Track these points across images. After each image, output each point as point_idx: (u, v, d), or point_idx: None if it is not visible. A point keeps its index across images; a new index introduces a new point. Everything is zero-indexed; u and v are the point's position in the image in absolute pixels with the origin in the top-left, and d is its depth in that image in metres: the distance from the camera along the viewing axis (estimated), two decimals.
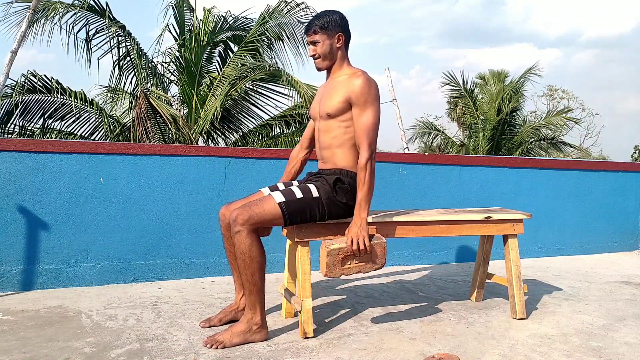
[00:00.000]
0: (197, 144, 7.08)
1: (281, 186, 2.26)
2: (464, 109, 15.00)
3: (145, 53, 7.56)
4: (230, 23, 8.40)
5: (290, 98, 7.77)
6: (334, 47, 2.22)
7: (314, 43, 2.22)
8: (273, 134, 8.30)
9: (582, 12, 56.18)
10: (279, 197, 2.08)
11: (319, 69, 2.27)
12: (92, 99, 7.41)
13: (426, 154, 4.11)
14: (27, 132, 7.10)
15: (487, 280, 2.79)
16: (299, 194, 2.10)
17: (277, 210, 2.06)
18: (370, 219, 2.20)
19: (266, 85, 7.90)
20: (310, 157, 2.51)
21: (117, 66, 7.39)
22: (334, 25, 2.20)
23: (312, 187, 2.15)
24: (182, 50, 7.90)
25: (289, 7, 7.76)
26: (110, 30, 6.96)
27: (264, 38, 7.74)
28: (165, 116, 6.29)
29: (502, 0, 60.09)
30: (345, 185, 2.16)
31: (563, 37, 53.07)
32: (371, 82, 2.16)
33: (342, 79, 2.20)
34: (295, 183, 2.28)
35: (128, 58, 7.40)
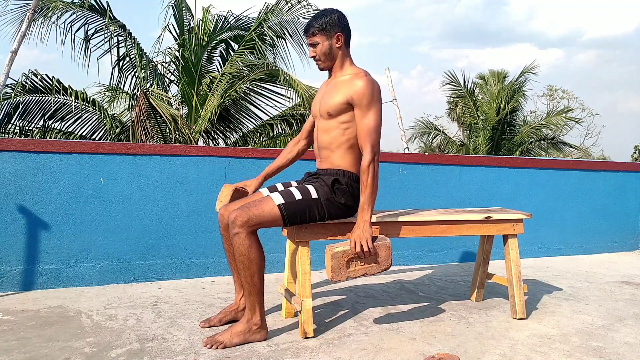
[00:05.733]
0: (197, 143, 7.08)
1: (280, 187, 2.26)
2: (464, 108, 15.00)
3: (146, 53, 7.56)
4: (231, 23, 8.38)
5: (289, 99, 7.76)
6: (333, 48, 2.21)
7: (313, 45, 2.22)
8: (273, 134, 8.30)
9: (584, 12, 56.23)
10: (278, 198, 2.08)
11: (321, 69, 2.28)
12: (92, 99, 7.41)
13: (426, 154, 4.11)
14: (27, 133, 7.09)
15: (487, 280, 2.78)
16: (298, 196, 2.10)
17: (276, 211, 2.06)
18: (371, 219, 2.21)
19: (264, 85, 7.89)
20: (309, 156, 2.51)
21: (116, 66, 7.38)
22: (332, 25, 2.19)
23: (310, 188, 2.14)
24: (182, 50, 7.89)
25: (289, 4, 7.73)
26: (109, 30, 6.95)
27: (265, 37, 7.72)
28: (165, 116, 6.28)
29: (503, 1, 60.11)
30: (343, 186, 2.16)
31: (565, 37, 53.12)
32: (374, 83, 2.15)
33: (345, 79, 2.20)
34: (294, 184, 2.28)
35: (128, 58, 7.40)
